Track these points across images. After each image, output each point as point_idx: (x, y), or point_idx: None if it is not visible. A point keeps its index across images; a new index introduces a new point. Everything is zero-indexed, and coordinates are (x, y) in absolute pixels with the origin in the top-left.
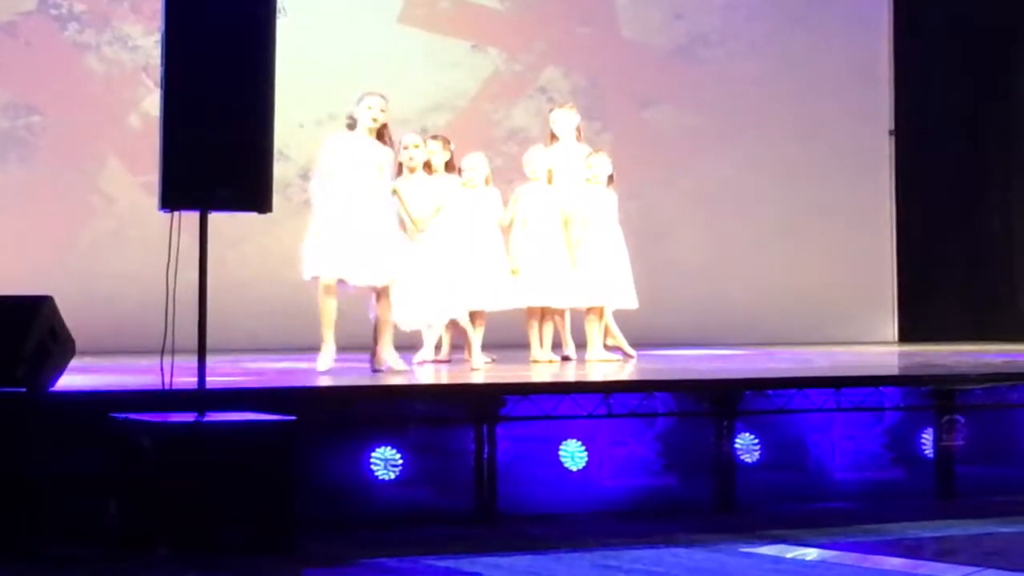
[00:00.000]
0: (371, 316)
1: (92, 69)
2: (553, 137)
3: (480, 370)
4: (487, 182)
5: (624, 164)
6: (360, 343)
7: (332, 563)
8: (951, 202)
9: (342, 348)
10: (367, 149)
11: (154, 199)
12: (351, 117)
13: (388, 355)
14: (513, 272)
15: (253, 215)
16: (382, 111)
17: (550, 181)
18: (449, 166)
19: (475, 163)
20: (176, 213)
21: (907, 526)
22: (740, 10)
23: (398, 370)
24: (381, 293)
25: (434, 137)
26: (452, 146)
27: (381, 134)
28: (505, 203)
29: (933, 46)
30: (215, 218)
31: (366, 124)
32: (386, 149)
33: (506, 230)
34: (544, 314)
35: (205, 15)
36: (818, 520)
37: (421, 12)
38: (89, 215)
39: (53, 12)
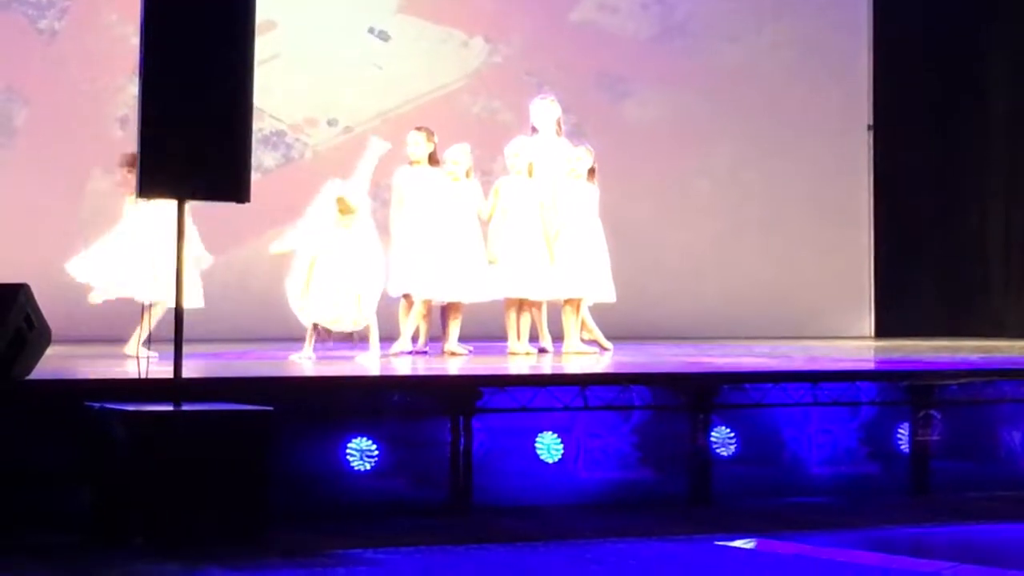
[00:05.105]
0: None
1: (70, 57)
2: (533, 129)
3: (457, 354)
4: (468, 175)
5: (602, 157)
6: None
7: (307, 553)
8: (929, 198)
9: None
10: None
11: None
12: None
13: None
14: (490, 262)
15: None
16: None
17: (531, 174)
18: (432, 158)
19: (458, 155)
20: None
21: (882, 521)
22: (719, 3)
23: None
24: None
25: (418, 129)
26: (436, 138)
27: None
28: (486, 195)
29: (911, 41)
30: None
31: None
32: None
33: (486, 222)
34: (522, 306)
35: (185, 3)
36: (793, 514)
37: (400, 2)
38: (66, 202)
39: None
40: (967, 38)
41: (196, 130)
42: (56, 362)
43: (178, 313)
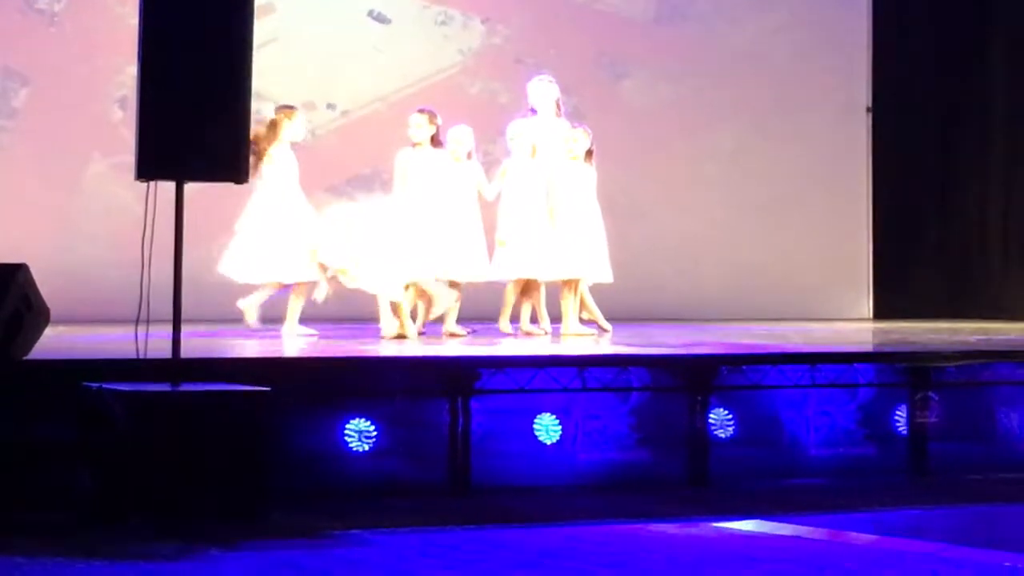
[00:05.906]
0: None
1: (70, 37)
2: (532, 110)
3: (457, 335)
4: (469, 156)
5: (602, 139)
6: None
7: (304, 533)
8: (928, 180)
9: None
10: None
11: (131, 168)
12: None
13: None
14: (501, 244)
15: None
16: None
17: (533, 155)
18: (435, 140)
19: (461, 136)
20: (151, 183)
21: (880, 503)
22: None
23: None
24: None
25: (420, 111)
26: (439, 120)
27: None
28: (488, 177)
29: (911, 22)
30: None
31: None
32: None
33: (491, 204)
34: (528, 287)
35: None
36: (791, 496)
37: None
38: (65, 183)
39: None
40: (968, 20)
41: (195, 112)
42: (54, 342)
43: (176, 293)
